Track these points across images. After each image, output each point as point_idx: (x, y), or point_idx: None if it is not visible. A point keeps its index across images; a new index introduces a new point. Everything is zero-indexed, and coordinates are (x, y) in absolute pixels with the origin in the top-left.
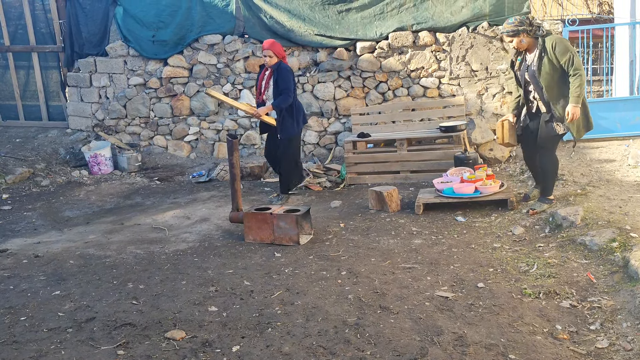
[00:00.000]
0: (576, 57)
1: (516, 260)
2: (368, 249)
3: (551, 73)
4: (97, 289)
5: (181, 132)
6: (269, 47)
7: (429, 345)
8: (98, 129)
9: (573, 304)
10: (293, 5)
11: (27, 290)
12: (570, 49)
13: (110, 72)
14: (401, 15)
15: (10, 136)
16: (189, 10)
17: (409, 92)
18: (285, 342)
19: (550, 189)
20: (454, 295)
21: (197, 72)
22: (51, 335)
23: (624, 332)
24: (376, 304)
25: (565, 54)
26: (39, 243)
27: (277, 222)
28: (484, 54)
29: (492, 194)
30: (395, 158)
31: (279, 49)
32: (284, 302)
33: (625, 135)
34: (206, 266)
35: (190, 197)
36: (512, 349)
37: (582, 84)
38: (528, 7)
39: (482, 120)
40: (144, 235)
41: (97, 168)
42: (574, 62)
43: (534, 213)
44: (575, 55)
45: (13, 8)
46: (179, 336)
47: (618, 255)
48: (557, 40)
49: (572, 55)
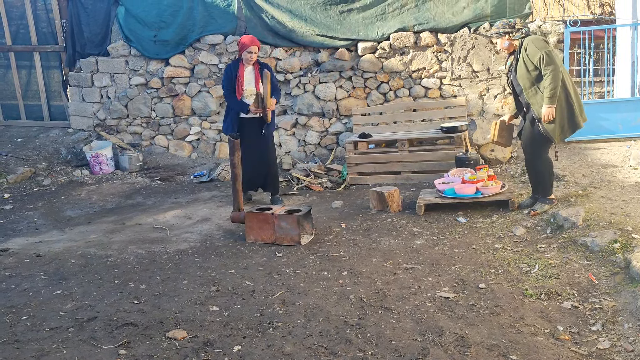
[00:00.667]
0: (549, 56)
1: (517, 261)
2: (369, 250)
3: (527, 74)
4: (98, 289)
5: (182, 132)
6: (253, 42)
7: (430, 346)
8: (99, 129)
9: (574, 305)
10: (295, 5)
11: (28, 290)
12: (543, 48)
13: (111, 72)
14: (403, 15)
15: (11, 135)
16: (190, 10)
17: (411, 93)
18: (287, 342)
19: (548, 190)
20: (455, 295)
21: (198, 72)
22: (53, 334)
23: (625, 333)
24: (377, 305)
25: (537, 53)
26: (40, 242)
27: (279, 222)
28: (486, 55)
29: (494, 194)
30: (396, 158)
31: (259, 44)
32: (285, 302)
33: (627, 136)
34: (207, 266)
35: (192, 197)
36: (514, 350)
37: (555, 82)
38: (529, 8)
39: (483, 121)
40: (145, 235)
41: (98, 168)
42: (545, 60)
43: (535, 214)
44: (547, 54)
45: (15, 8)
46: (180, 336)
47: (619, 256)
48: (530, 40)
49: (543, 54)
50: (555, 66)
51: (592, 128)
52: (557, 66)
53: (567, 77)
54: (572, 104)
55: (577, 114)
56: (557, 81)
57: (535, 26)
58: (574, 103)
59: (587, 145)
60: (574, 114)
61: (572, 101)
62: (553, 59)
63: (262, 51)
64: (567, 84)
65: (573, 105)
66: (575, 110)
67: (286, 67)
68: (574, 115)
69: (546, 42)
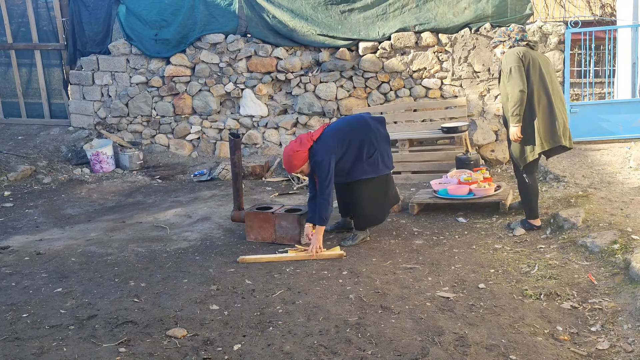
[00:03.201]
0: (514, 72)
1: (517, 261)
2: (369, 249)
3: (504, 87)
4: (98, 287)
5: (183, 130)
6: (290, 169)
7: (430, 346)
8: (100, 127)
9: (574, 306)
10: (296, 5)
11: (28, 288)
12: (512, 63)
13: (112, 71)
14: (404, 16)
15: (12, 133)
16: (191, 9)
17: (411, 93)
18: (287, 341)
19: (531, 213)
20: (455, 295)
21: (199, 71)
22: (53, 332)
23: (624, 333)
24: (377, 304)
25: (506, 68)
26: (40, 240)
27: (279, 221)
28: (487, 55)
29: (486, 196)
30: (396, 158)
31: (299, 158)
32: (285, 301)
33: (627, 137)
34: (207, 265)
35: (192, 195)
36: (513, 350)
37: (513, 101)
38: (530, 9)
39: (483, 121)
40: (145, 234)
41: (98, 166)
42: (508, 77)
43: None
44: (514, 70)
45: (16, 6)
46: (180, 334)
47: (619, 257)
48: (507, 53)
49: (508, 71)
50: (517, 84)
51: (592, 129)
52: (519, 84)
53: (544, 93)
54: (545, 119)
55: (557, 126)
56: (516, 100)
57: (536, 27)
58: (546, 118)
59: (587, 147)
60: (547, 129)
61: (545, 117)
62: (517, 77)
63: (263, 50)
64: (534, 102)
65: (546, 120)
66: (548, 125)
67: (287, 66)
68: (552, 128)
69: (522, 57)
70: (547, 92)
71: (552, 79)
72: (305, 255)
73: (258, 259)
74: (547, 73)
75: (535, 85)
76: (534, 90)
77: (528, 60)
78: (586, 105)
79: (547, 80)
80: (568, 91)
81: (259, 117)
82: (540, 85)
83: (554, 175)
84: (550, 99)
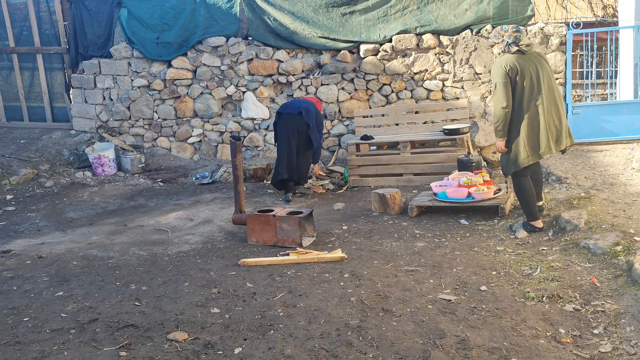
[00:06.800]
0: (499, 88)
1: (519, 263)
2: (371, 252)
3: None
4: (100, 290)
5: (184, 133)
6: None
7: (432, 348)
8: (102, 131)
9: (576, 308)
10: (297, 7)
11: (30, 291)
12: (497, 78)
13: (114, 74)
14: (405, 17)
15: (14, 137)
16: (193, 12)
17: (413, 95)
18: (288, 344)
19: (530, 215)
20: (457, 298)
21: (200, 74)
22: (54, 336)
23: (627, 336)
24: (379, 307)
25: (492, 80)
26: (42, 244)
27: (280, 224)
28: (488, 57)
29: (484, 199)
30: (398, 160)
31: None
32: (286, 305)
33: (630, 138)
34: (209, 268)
35: (194, 198)
36: (515, 353)
37: (496, 117)
38: (532, 10)
39: (485, 123)
40: (147, 237)
41: (100, 169)
42: (494, 93)
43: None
44: (499, 86)
45: (18, 10)
46: (181, 338)
47: (622, 259)
48: (495, 64)
49: (494, 86)
50: (500, 100)
51: (594, 130)
52: (502, 100)
53: (533, 103)
54: (528, 132)
55: (542, 139)
56: (498, 117)
57: (537, 28)
58: (528, 131)
59: (590, 148)
60: (531, 141)
61: (522, 138)
62: (502, 94)
63: (264, 53)
64: (522, 114)
65: (528, 133)
66: (531, 138)
67: (288, 68)
68: (536, 140)
69: (509, 70)
70: (536, 101)
71: (547, 80)
72: (306, 258)
73: (259, 261)
74: (542, 75)
75: (526, 95)
76: (522, 101)
77: (516, 72)
78: (588, 106)
79: (542, 83)
80: (570, 92)
81: (260, 120)
82: (529, 95)
83: (556, 176)
84: (538, 109)
